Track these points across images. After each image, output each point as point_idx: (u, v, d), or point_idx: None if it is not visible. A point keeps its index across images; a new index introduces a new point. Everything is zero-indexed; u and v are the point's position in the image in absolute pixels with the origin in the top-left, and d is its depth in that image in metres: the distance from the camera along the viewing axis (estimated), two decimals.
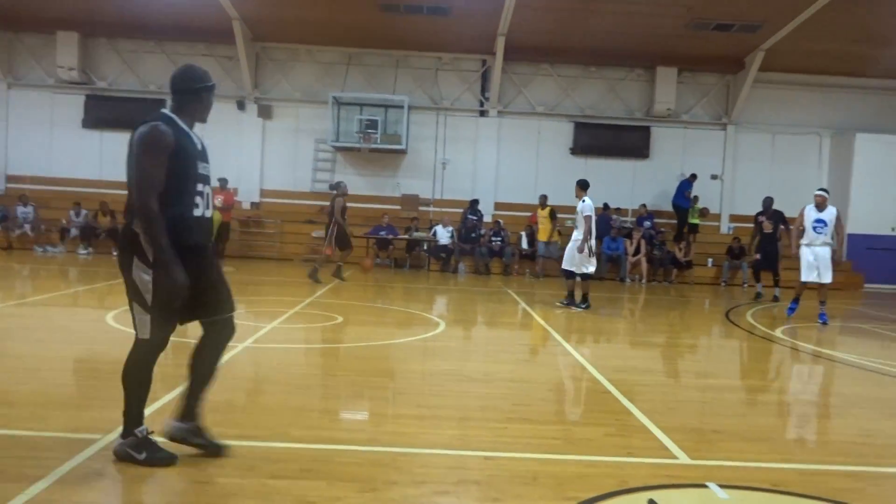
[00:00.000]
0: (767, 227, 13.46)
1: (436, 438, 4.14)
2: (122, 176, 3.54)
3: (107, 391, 4.76)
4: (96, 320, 7.77)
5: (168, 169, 3.33)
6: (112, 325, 7.38)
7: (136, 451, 3.44)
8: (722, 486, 3.50)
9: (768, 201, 13.89)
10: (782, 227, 13.37)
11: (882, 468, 4.01)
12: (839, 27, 15.53)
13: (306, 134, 18.76)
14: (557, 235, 16.41)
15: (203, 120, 3.69)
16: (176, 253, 3.31)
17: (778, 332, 9.35)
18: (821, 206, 10.30)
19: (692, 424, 4.67)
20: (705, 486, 3.50)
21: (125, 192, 3.42)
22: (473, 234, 17.22)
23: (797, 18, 15.18)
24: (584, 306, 10.68)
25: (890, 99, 19.04)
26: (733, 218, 18.81)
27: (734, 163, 19.09)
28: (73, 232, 16.81)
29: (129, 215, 3.38)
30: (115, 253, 5.93)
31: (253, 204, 18.66)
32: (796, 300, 10.62)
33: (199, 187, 3.52)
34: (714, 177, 19.04)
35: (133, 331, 3.48)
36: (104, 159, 18.32)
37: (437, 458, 3.83)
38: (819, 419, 5.34)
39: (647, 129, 18.92)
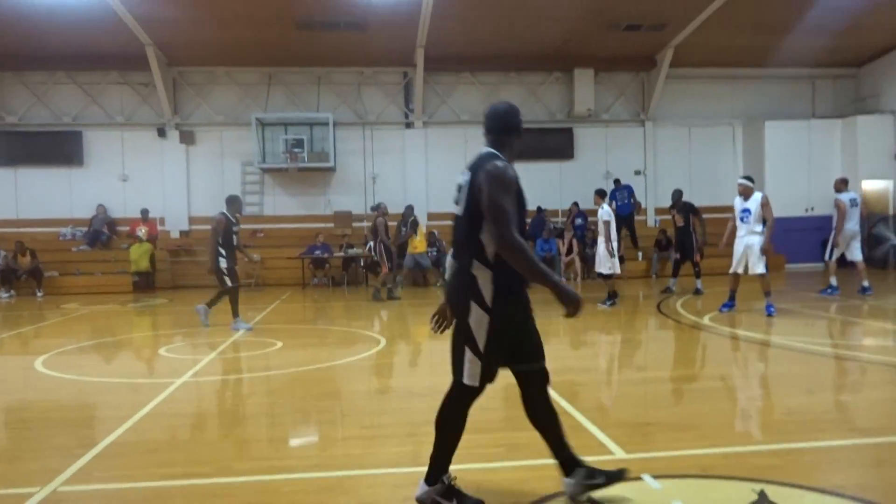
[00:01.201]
0: (679, 221, 13.53)
1: (382, 457, 4.22)
2: (40, 213, 3.49)
3: (39, 441, 4.66)
4: (25, 367, 7.53)
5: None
6: (42, 371, 7.17)
7: (447, 498, 3.35)
8: (656, 477, 3.68)
9: (676, 194, 13.88)
10: (694, 217, 13.40)
11: (802, 443, 4.27)
12: (740, 21, 16.29)
13: (232, 157, 18.52)
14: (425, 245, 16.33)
15: (513, 159, 3.42)
16: (514, 292, 3.26)
17: (706, 320, 9.74)
18: (744, 195, 9.98)
19: (627, 419, 4.88)
20: (640, 479, 3.68)
21: (43, 230, 3.33)
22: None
23: (700, 15, 15.87)
24: (609, 303, 11.59)
25: (792, 86, 20.08)
26: (658, 211, 19.46)
27: (655, 157, 19.76)
28: None
29: (465, 257, 3.25)
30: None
31: (182, 232, 18.30)
32: (731, 297, 10.37)
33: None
34: (637, 172, 19.66)
35: (458, 377, 3.32)
36: (20, 197, 17.65)
37: (383, 478, 3.90)
38: (745, 401, 5.63)
39: (569, 131, 19.40)
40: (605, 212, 11.77)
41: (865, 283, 11.88)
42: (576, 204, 18.44)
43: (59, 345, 9.01)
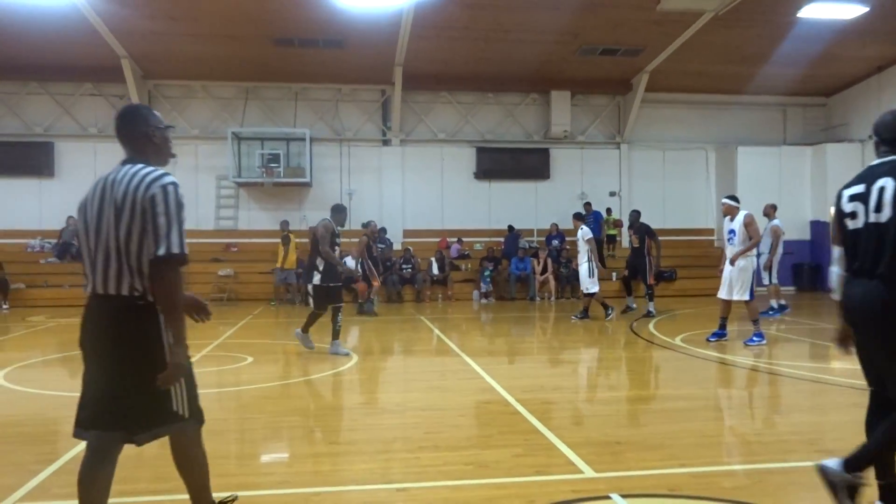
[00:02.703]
0: (635, 242, 13.48)
1: (349, 474, 4.16)
2: (8, 224, 3.42)
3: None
4: None
5: None
6: (3, 384, 7.00)
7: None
8: (624, 496, 3.68)
9: (634, 215, 13.79)
10: (650, 240, 13.19)
11: (769, 464, 4.30)
12: (714, 49, 16.61)
13: (207, 171, 18.38)
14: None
15: None
16: None
17: (678, 341, 9.81)
18: (729, 215, 9.47)
19: (597, 438, 4.87)
20: (609, 498, 3.67)
21: (11, 241, 3.25)
22: (389, 263, 17.25)
23: (675, 42, 16.14)
24: (580, 316, 12.43)
25: (764, 113, 20.49)
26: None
27: (630, 179, 19.98)
28: None
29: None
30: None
31: None
32: (721, 326, 9.57)
33: None
34: (612, 193, 19.85)
35: None
36: None
37: (349, 495, 3.85)
38: (714, 422, 5.66)
39: (546, 151, 19.55)
40: (586, 231, 12.35)
41: (775, 303, 12.75)
42: (555, 225, 18.56)
43: (22, 358, 8.82)
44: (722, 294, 9.55)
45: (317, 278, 8.52)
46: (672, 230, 20.10)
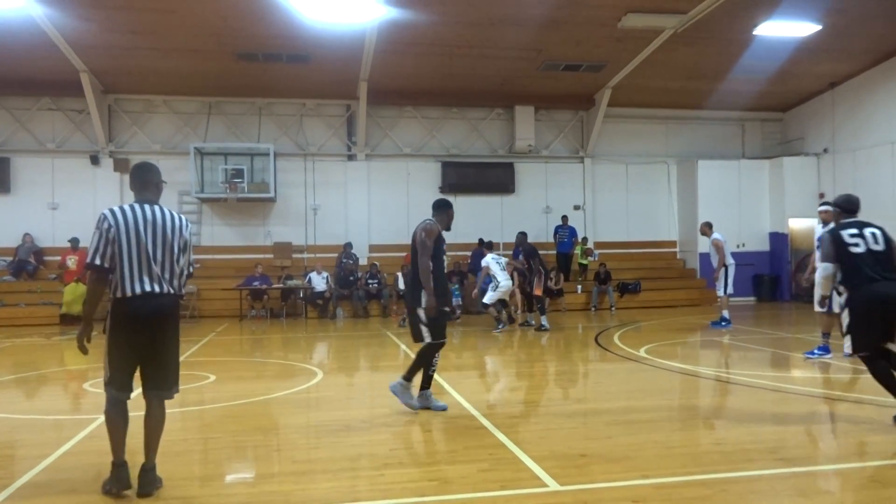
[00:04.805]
0: (523, 262, 13.71)
1: (312, 493, 4.11)
2: None
3: None
4: None
5: None
6: None
7: None
8: None
9: (520, 237, 13.89)
10: (532, 259, 13.42)
11: (730, 473, 4.35)
12: (674, 66, 16.94)
13: (168, 187, 17.62)
14: None
15: None
16: None
17: (642, 352, 9.91)
18: (826, 222, 8.98)
19: (562, 451, 4.88)
20: None
21: None
22: (351, 278, 17.17)
23: (636, 59, 16.42)
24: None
25: (724, 128, 20.95)
26: (597, 245, 19.82)
27: (594, 193, 20.21)
28: None
29: None
30: None
31: None
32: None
33: None
34: (577, 207, 20.04)
35: None
36: None
37: None
38: (677, 432, 5.70)
39: (510, 166, 19.69)
40: (485, 259, 13.54)
41: (727, 314, 12.96)
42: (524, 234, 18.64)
43: None
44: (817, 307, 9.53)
45: (424, 299, 6.27)
46: (635, 243, 20.42)
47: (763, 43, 15.49)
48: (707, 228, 13.56)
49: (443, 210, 6.74)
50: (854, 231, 5.61)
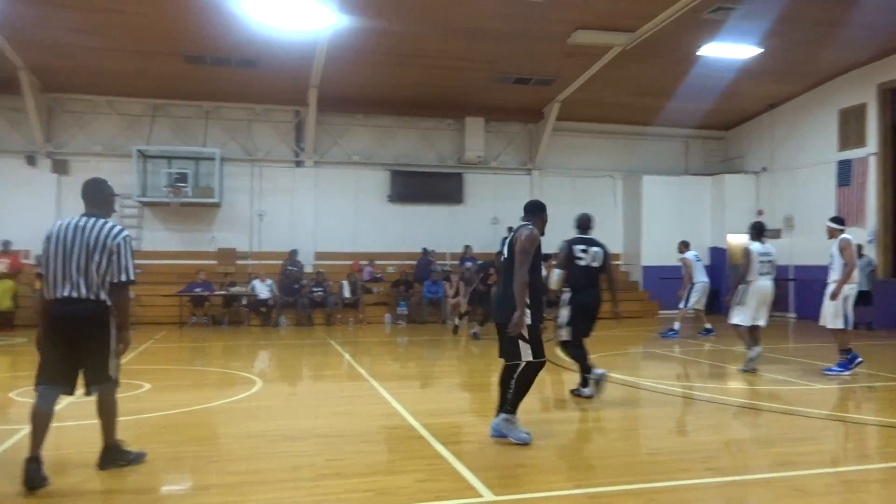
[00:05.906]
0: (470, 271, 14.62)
1: None
2: None
3: None
4: None
5: None
6: None
7: None
8: None
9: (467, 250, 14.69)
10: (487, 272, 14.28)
11: (663, 483, 4.43)
12: (622, 83, 17.29)
13: None
14: None
15: None
16: None
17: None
18: (832, 238, 8.95)
19: (499, 461, 4.91)
20: None
21: None
22: (295, 286, 16.97)
23: (584, 74, 16.71)
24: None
25: (668, 145, 21.47)
26: (544, 257, 19.99)
27: None
28: None
29: None
30: None
31: None
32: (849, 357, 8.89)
33: None
34: (524, 218, 20.18)
35: None
36: None
37: None
38: (613, 442, 5.80)
39: (459, 176, 19.78)
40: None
41: (677, 325, 13.79)
42: (468, 247, 18.75)
43: None
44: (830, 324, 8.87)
45: (529, 317, 5.50)
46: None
47: (707, 63, 15.93)
48: (683, 247, 14.33)
49: (538, 213, 6.22)
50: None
